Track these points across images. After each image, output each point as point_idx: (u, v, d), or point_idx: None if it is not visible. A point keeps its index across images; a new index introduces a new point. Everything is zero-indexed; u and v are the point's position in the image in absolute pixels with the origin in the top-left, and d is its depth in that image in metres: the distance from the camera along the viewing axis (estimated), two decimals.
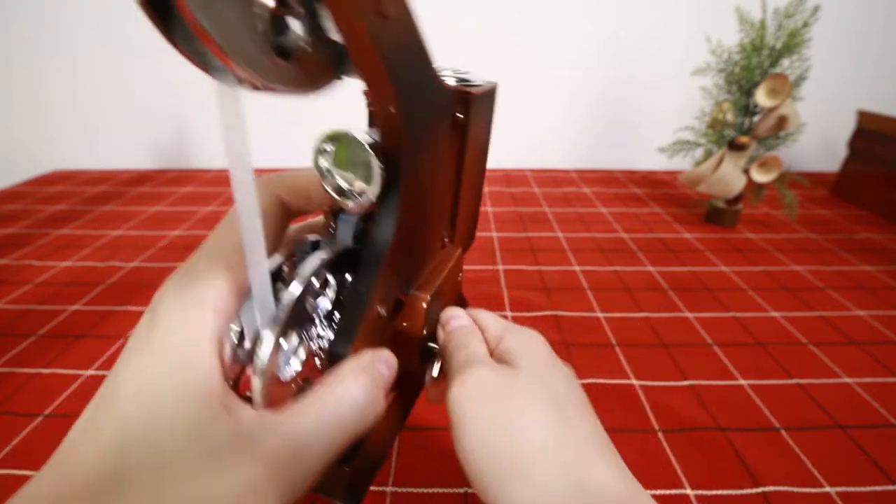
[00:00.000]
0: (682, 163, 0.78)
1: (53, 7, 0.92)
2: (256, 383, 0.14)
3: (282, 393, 0.15)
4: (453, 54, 1.06)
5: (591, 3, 0.91)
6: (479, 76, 0.23)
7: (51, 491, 0.13)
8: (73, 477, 0.13)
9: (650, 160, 0.97)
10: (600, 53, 0.94)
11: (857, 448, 0.34)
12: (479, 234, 0.70)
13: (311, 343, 0.16)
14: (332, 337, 0.17)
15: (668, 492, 0.31)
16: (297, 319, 0.15)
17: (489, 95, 0.24)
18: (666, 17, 0.91)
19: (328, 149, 0.17)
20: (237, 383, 0.15)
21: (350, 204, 0.17)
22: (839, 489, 0.31)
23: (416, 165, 0.18)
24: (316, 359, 0.17)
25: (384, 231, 0.17)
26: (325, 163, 0.17)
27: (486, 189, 0.89)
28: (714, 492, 0.31)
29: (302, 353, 0.16)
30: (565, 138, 1.02)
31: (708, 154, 0.71)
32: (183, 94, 0.98)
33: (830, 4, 0.69)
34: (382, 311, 0.18)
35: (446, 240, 0.25)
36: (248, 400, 0.15)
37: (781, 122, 0.64)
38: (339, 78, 0.15)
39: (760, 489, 0.31)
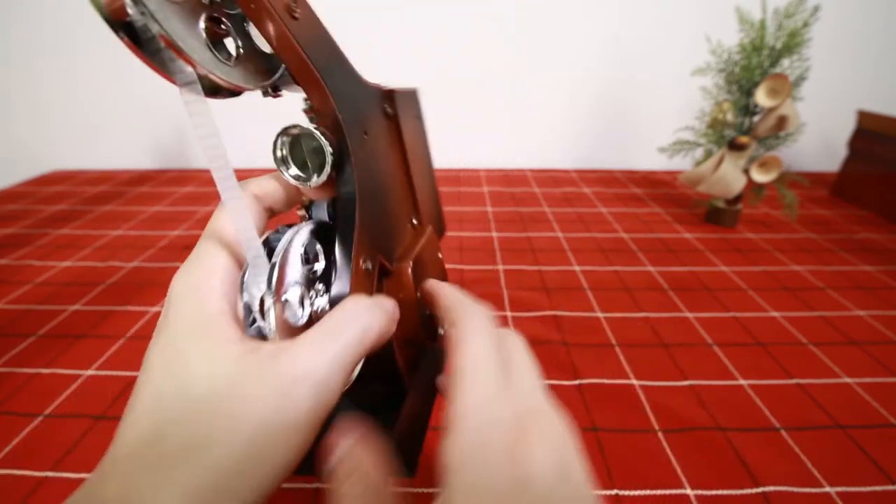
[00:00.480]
0: (682, 163, 0.78)
1: (53, 7, 0.92)
2: (271, 320, 0.16)
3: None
4: (453, 54, 1.06)
5: (590, 3, 0.91)
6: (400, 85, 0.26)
7: (101, 470, 0.14)
8: (118, 448, 0.14)
9: (650, 160, 0.97)
10: (600, 53, 0.94)
11: (857, 448, 0.34)
12: (479, 234, 0.70)
13: (312, 304, 0.18)
14: (330, 297, 0.19)
15: (668, 492, 0.31)
16: (294, 276, 0.17)
17: (412, 95, 0.28)
18: (666, 17, 0.91)
19: (284, 140, 0.19)
20: None
21: (310, 185, 0.19)
22: (839, 489, 0.31)
23: (360, 144, 0.20)
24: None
25: (348, 200, 0.20)
26: (281, 152, 0.19)
27: (485, 189, 0.89)
28: (714, 492, 0.31)
29: (307, 306, 0.18)
30: (565, 138, 1.02)
31: (708, 154, 0.71)
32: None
33: (830, 4, 0.69)
34: (367, 265, 0.20)
35: (415, 221, 0.27)
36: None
37: (781, 122, 0.64)
38: (276, 90, 0.19)
39: (760, 489, 0.31)
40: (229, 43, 0.17)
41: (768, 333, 0.47)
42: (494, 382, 0.17)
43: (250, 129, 1.01)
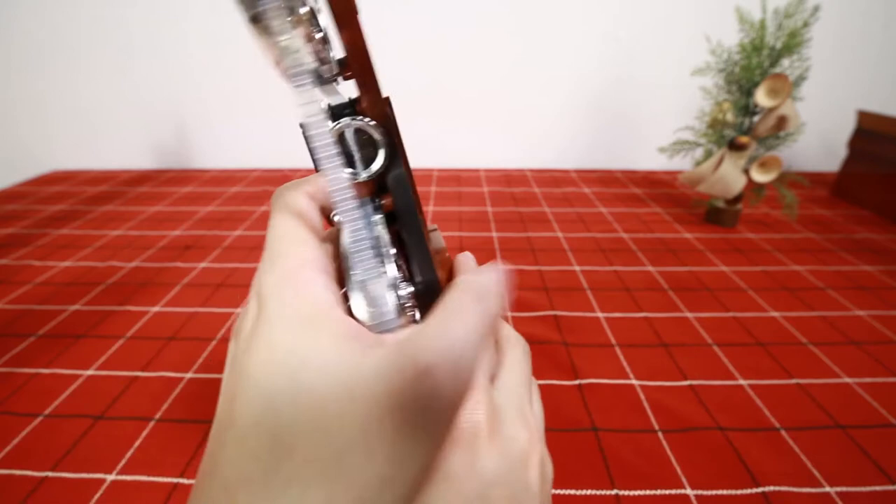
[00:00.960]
0: (682, 163, 0.78)
1: (53, 7, 0.92)
2: (390, 306, 0.16)
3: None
4: (454, 54, 1.06)
5: (590, 3, 0.91)
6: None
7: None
8: (225, 470, 0.12)
9: (650, 160, 0.97)
10: (600, 53, 0.94)
11: (857, 448, 0.34)
12: (479, 234, 0.70)
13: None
14: (417, 282, 0.19)
15: (668, 492, 0.31)
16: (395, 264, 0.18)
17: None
18: (666, 17, 0.91)
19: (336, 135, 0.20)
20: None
21: (360, 178, 0.19)
22: (839, 489, 0.31)
23: (399, 137, 0.21)
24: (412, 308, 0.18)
25: (401, 188, 0.20)
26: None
27: (485, 189, 0.89)
28: (714, 492, 0.31)
29: (405, 288, 0.17)
30: (565, 138, 1.02)
31: (708, 154, 0.71)
32: (183, 94, 0.99)
33: (830, 4, 0.69)
34: (432, 248, 0.20)
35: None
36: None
37: (781, 122, 0.64)
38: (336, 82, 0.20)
39: (760, 489, 0.31)
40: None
41: (768, 333, 0.47)
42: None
43: (246, 129, 1.02)
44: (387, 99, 0.20)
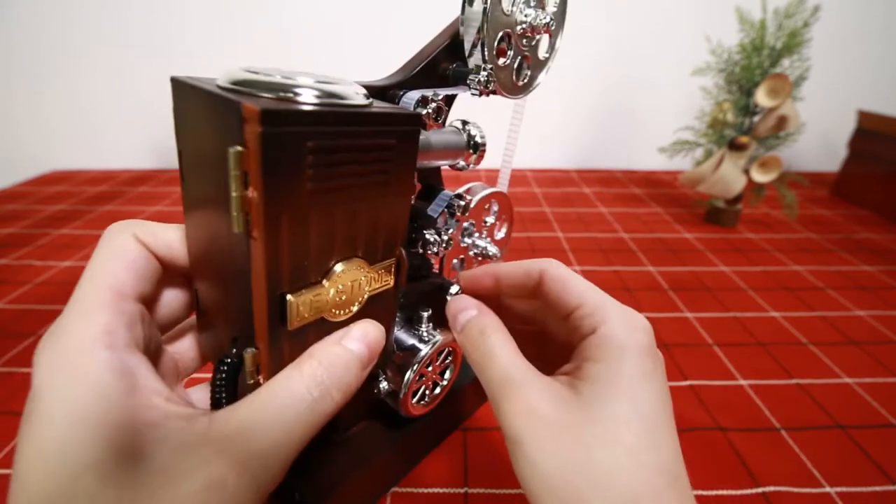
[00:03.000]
0: (682, 163, 0.78)
1: (53, 6, 0.92)
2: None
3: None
4: None
5: (591, 2, 0.91)
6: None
7: None
8: None
9: (650, 160, 0.97)
10: (600, 53, 0.94)
11: (857, 448, 0.34)
12: None
13: None
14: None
15: None
16: None
17: None
18: (666, 17, 0.91)
19: None
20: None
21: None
22: (839, 489, 0.31)
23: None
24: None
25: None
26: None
27: None
28: (714, 492, 0.31)
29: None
30: (565, 138, 1.02)
31: (708, 154, 0.71)
32: None
33: (830, 4, 0.69)
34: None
35: None
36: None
37: (781, 122, 0.64)
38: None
39: (761, 489, 0.31)
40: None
41: (768, 333, 0.47)
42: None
43: None
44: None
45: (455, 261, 0.25)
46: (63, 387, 0.13)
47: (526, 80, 0.25)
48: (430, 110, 0.20)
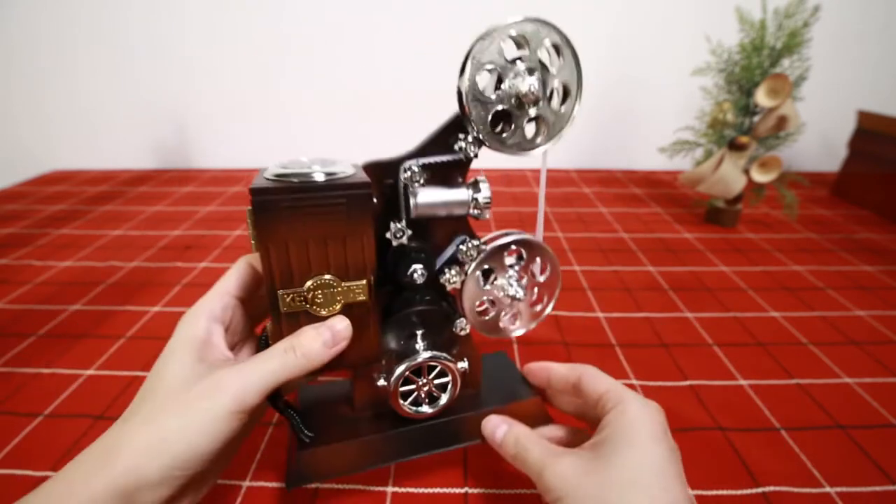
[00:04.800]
0: (682, 163, 0.78)
1: (53, 6, 0.92)
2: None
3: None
4: (453, 55, 1.05)
5: (591, 3, 0.91)
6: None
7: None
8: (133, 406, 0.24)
9: (650, 160, 0.97)
10: (600, 53, 0.94)
11: (857, 448, 0.34)
12: (478, 234, 0.70)
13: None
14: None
15: None
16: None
17: None
18: (666, 17, 0.91)
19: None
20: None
21: None
22: (839, 489, 0.31)
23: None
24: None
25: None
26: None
27: None
28: (714, 492, 0.31)
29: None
30: (565, 138, 1.02)
31: (708, 154, 0.71)
32: (183, 93, 0.99)
33: (831, 4, 0.69)
34: None
35: None
36: None
37: (781, 122, 0.64)
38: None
39: (761, 489, 0.31)
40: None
41: (768, 333, 0.47)
42: None
43: (247, 129, 1.01)
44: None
45: (485, 298, 0.30)
46: (182, 330, 0.25)
47: (542, 138, 0.27)
48: (409, 174, 0.25)
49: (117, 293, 0.54)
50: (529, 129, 0.27)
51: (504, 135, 0.26)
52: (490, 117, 0.25)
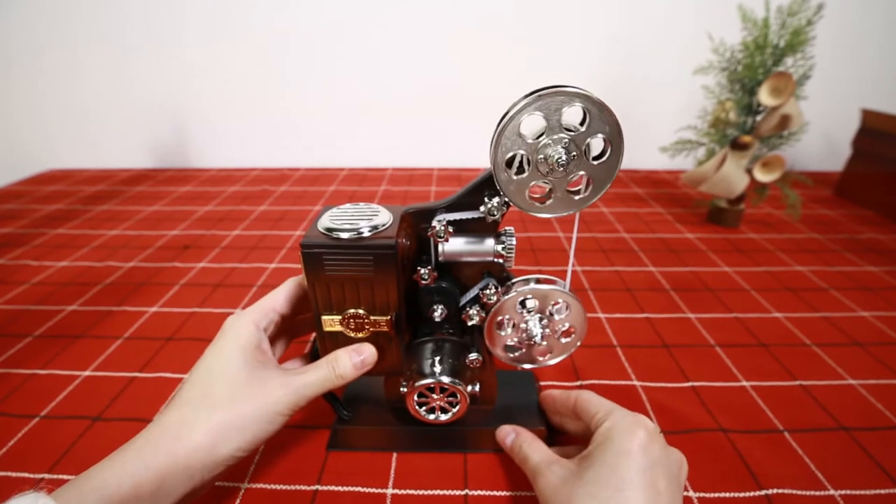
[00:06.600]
0: (684, 162, 0.77)
1: (53, 6, 0.91)
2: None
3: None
4: (453, 56, 1.05)
5: (592, 2, 0.90)
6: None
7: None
8: (179, 398, 0.26)
9: (652, 160, 0.96)
10: (602, 53, 0.93)
11: (861, 450, 0.34)
12: None
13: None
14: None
15: None
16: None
17: None
18: (668, 16, 0.90)
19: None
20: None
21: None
22: (843, 492, 0.30)
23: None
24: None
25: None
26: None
27: None
28: (717, 494, 0.30)
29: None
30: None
31: (710, 153, 0.70)
32: (181, 92, 0.98)
33: (834, 2, 0.68)
34: None
35: None
36: None
37: (784, 121, 0.63)
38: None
39: (764, 492, 0.30)
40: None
41: (771, 334, 0.46)
42: None
43: (245, 128, 1.01)
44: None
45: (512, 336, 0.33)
46: (234, 332, 0.28)
47: (583, 196, 0.29)
48: (437, 228, 0.29)
49: (115, 293, 0.54)
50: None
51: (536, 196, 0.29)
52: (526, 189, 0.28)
